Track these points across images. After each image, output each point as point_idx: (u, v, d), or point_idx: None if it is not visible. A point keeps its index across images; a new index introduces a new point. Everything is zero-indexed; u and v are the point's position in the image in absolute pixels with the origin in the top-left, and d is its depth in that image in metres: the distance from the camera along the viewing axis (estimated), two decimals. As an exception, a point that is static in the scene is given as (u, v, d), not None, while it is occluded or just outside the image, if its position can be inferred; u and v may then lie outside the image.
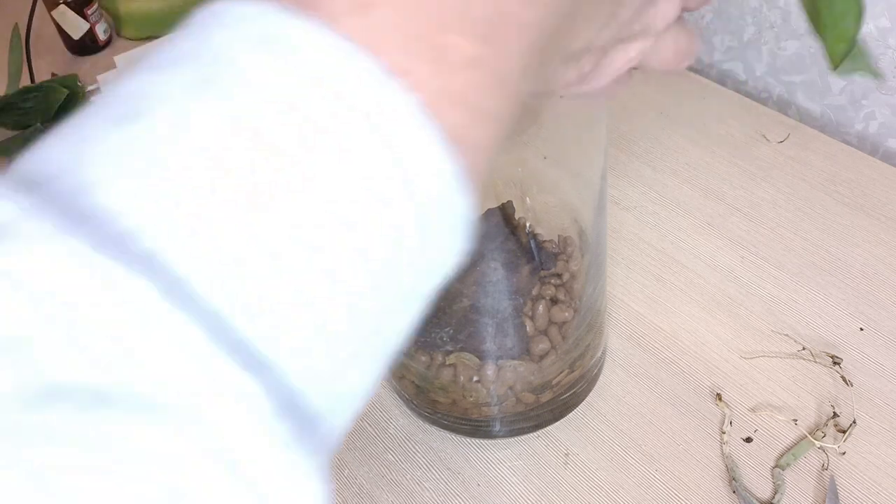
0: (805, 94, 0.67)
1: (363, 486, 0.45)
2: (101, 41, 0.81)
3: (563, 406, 0.46)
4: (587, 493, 0.43)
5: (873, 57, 0.60)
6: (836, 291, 0.51)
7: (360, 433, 0.47)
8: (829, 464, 0.43)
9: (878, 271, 0.52)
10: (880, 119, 0.63)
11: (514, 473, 0.44)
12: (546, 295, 0.42)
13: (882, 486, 0.42)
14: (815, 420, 0.45)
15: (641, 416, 0.46)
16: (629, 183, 0.60)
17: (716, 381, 0.47)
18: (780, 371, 0.47)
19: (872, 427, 0.44)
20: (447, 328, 0.41)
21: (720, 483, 0.43)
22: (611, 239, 0.56)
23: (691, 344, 0.49)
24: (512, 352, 0.42)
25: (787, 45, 0.65)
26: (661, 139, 0.63)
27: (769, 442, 0.44)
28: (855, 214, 0.55)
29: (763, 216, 0.56)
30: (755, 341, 0.49)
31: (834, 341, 0.48)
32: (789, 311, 0.50)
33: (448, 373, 0.42)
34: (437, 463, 0.45)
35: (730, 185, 0.58)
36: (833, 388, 0.46)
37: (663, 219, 0.57)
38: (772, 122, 0.63)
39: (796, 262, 0.53)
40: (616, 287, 0.53)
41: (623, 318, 0.51)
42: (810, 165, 0.59)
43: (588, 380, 0.46)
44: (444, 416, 0.45)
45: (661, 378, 0.48)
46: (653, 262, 0.54)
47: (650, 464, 0.44)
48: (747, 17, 0.67)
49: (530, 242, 0.43)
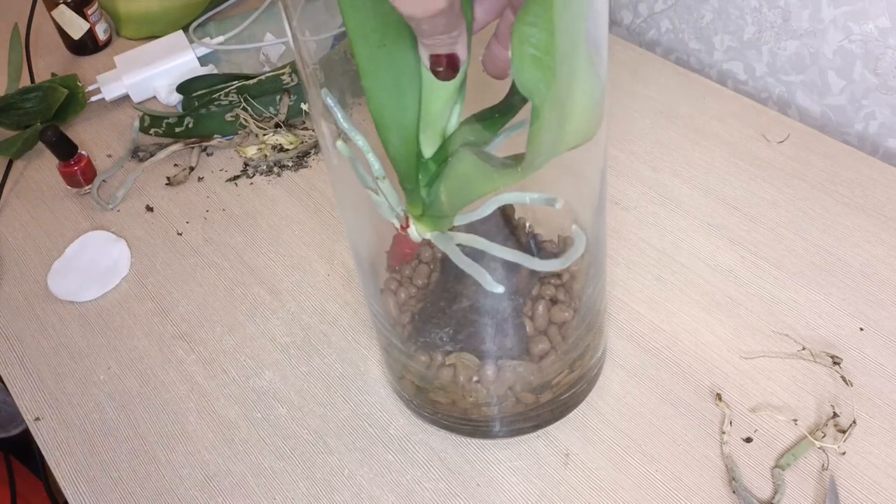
0: (805, 94, 0.67)
1: (363, 486, 0.45)
2: (101, 41, 0.81)
3: (563, 406, 0.46)
4: (587, 492, 0.43)
5: (873, 57, 0.60)
6: (836, 291, 0.51)
7: (360, 433, 0.47)
8: (829, 464, 0.43)
9: (878, 271, 0.52)
10: (880, 119, 0.63)
11: (513, 473, 0.44)
12: (546, 295, 0.42)
13: (882, 486, 0.42)
14: (815, 420, 0.45)
15: (641, 416, 0.46)
16: (629, 183, 0.60)
17: (716, 382, 0.47)
18: (780, 371, 0.47)
19: (872, 427, 0.44)
20: (447, 328, 0.41)
21: (720, 483, 0.43)
22: (611, 239, 0.56)
23: (691, 344, 0.49)
24: (512, 352, 0.42)
25: (787, 45, 0.65)
26: (661, 139, 0.63)
27: (769, 442, 0.44)
28: (855, 214, 0.55)
29: (763, 216, 0.56)
30: (755, 341, 0.49)
31: (834, 341, 0.48)
32: (789, 311, 0.50)
33: (448, 373, 0.42)
34: (437, 463, 0.45)
35: (730, 185, 0.58)
36: (833, 388, 0.46)
37: (663, 219, 0.57)
38: (772, 122, 0.63)
39: (796, 262, 0.53)
40: (616, 287, 0.53)
41: (623, 318, 0.51)
42: (810, 165, 0.59)
43: (588, 380, 0.46)
44: (443, 417, 0.45)
45: (661, 378, 0.48)
46: (653, 262, 0.54)
47: (650, 464, 0.44)
48: (747, 17, 0.67)
49: (530, 243, 0.43)
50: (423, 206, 0.35)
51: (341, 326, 0.53)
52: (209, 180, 0.65)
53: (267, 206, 0.62)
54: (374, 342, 0.52)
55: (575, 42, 0.28)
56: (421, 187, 0.34)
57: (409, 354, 0.43)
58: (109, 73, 0.74)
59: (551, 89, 0.28)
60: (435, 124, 0.33)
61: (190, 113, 0.69)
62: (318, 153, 0.66)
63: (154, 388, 0.51)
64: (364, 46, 0.29)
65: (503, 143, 0.34)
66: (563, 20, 0.26)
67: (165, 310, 0.56)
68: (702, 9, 0.70)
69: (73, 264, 0.60)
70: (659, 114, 0.65)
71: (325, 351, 0.52)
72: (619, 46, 0.72)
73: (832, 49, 0.62)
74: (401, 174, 0.34)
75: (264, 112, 0.68)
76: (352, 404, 0.49)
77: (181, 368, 0.52)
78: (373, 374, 0.50)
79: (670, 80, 0.68)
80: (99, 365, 0.53)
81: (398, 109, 0.31)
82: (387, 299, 0.43)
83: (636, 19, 0.78)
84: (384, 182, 0.35)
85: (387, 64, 0.29)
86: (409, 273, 0.44)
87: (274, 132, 0.66)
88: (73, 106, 0.72)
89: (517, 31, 0.26)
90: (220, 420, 0.49)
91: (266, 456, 0.47)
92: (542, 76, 0.27)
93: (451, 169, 0.32)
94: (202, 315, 0.55)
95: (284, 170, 0.65)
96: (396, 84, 0.30)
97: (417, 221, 0.36)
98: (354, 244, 0.43)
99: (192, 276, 0.58)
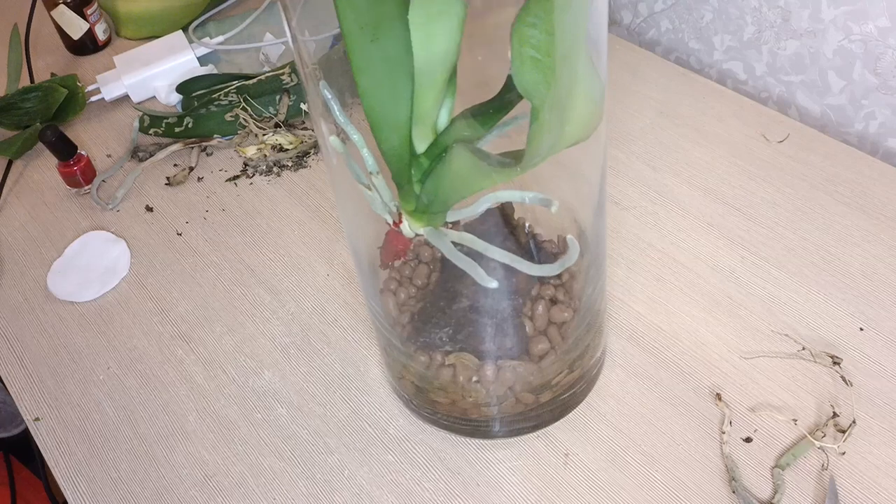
0: (805, 94, 0.67)
1: (363, 487, 0.45)
2: (101, 41, 0.81)
3: (563, 406, 0.46)
4: (587, 493, 0.43)
5: (873, 57, 0.60)
6: (836, 291, 0.51)
7: (359, 433, 0.47)
8: (828, 464, 0.43)
9: (878, 271, 0.52)
10: (880, 119, 0.63)
11: (513, 473, 0.44)
12: (545, 295, 0.42)
13: (882, 486, 0.42)
14: (814, 420, 0.45)
15: (641, 416, 0.46)
16: (629, 183, 0.60)
17: (716, 381, 0.47)
18: (779, 371, 0.47)
19: (872, 427, 0.44)
20: (446, 328, 0.41)
21: (720, 483, 0.43)
22: (610, 239, 0.56)
23: (691, 344, 0.49)
24: (511, 352, 0.42)
25: (787, 45, 0.65)
26: (661, 139, 0.63)
27: (769, 442, 0.44)
28: (855, 214, 0.55)
29: (763, 216, 0.56)
30: (755, 341, 0.49)
31: (834, 341, 0.48)
32: (789, 311, 0.50)
33: (447, 373, 0.42)
34: (437, 463, 0.45)
35: (730, 185, 0.58)
36: (833, 388, 0.46)
37: (663, 219, 0.57)
38: (772, 122, 0.63)
39: (796, 262, 0.53)
40: (616, 287, 0.53)
41: (623, 318, 0.51)
42: (810, 165, 0.59)
43: (588, 380, 0.46)
44: (443, 417, 0.45)
45: (661, 378, 0.48)
46: (652, 262, 0.54)
47: (650, 464, 0.44)
48: (747, 17, 0.67)
49: (529, 242, 0.43)
50: (415, 202, 0.35)
51: (341, 326, 0.53)
52: (209, 180, 0.65)
53: (266, 206, 0.62)
54: (373, 342, 0.52)
55: (575, 43, 0.28)
56: (414, 183, 0.34)
57: (408, 354, 0.43)
58: (109, 73, 0.74)
59: (551, 91, 0.28)
60: (426, 120, 0.33)
61: (189, 113, 0.69)
62: (318, 153, 0.66)
63: (154, 387, 0.51)
64: (357, 41, 0.29)
65: (496, 139, 0.34)
66: (563, 21, 0.26)
67: (165, 310, 0.56)
68: (702, 9, 0.70)
69: (72, 264, 0.60)
70: (659, 114, 0.65)
71: (325, 351, 0.52)
72: (618, 46, 0.72)
73: (832, 49, 0.62)
74: (394, 170, 0.34)
75: (264, 112, 0.68)
76: (351, 404, 0.49)
77: (181, 368, 0.52)
78: (372, 374, 0.50)
79: (670, 79, 0.68)
80: (99, 365, 0.53)
81: (391, 105, 0.31)
82: (386, 299, 0.43)
83: (636, 19, 0.78)
84: (377, 177, 0.35)
85: (379, 59, 0.29)
86: (408, 273, 0.44)
87: (273, 132, 0.66)
88: (73, 106, 0.72)
89: (517, 32, 0.26)
90: (220, 420, 0.49)
91: (266, 456, 0.47)
92: (542, 78, 0.27)
93: (447, 165, 0.32)
94: (202, 315, 0.55)
95: (284, 170, 0.65)
96: (389, 79, 0.30)
97: (410, 217, 0.36)
98: (354, 244, 0.43)
99: (191, 277, 0.58)
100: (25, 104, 0.71)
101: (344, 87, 0.34)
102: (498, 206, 0.41)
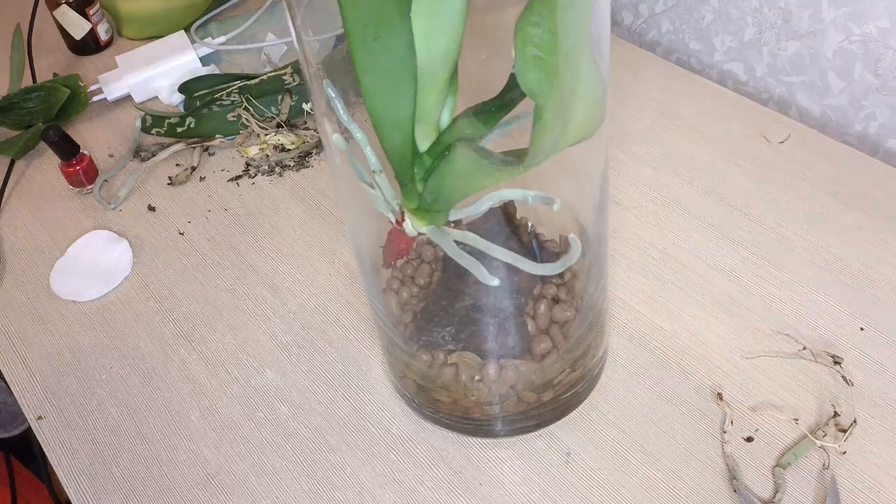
0: (805, 95, 0.67)
1: (365, 485, 0.45)
2: (103, 41, 0.81)
3: (565, 405, 0.46)
4: (588, 492, 0.43)
5: (874, 57, 0.60)
6: (837, 291, 0.51)
7: (361, 433, 0.47)
8: (829, 463, 0.43)
9: (879, 271, 0.52)
10: (880, 119, 0.63)
11: (515, 472, 0.45)
12: (548, 294, 0.42)
13: (883, 486, 0.42)
14: (815, 419, 0.45)
15: (642, 415, 0.46)
16: (630, 183, 0.60)
17: (717, 381, 0.47)
18: (780, 371, 0.47)
19: (873, 426, 0.44)
20: (449, 327, 0.42)
21: (721, 482, 0.43)
22: (612, 239, 0.56)
23: (692, 343, 0.49)
24: (513, 351, 0.42)
25: (787, 46, 0.66)
26: (662, 139, 0.63)
27: (770, 441, 0.44)
28: (855, 214, 0.55)
29: (764, 216, 0.56)
30: (756, 341, 0.49)
31: (834, 341, 0.48)
32: (790, 311, 0.50)
33: (450, 372, 0.42)
34: (439, 462, 0.45)
35: (730, 185, 0.59)
36: (834, 388, 0.46)
37: (664, 219, 0.57)
38: (772, 122, 0.63)
39: (797, 261, 0.53)
40: (617, 287, 0.53)
41: (624, 317, 0.51)
42: (810, 165, 0.59)
43: (589, 379, 0.46)
44: (445, 415, 0.45)
45: (663, 377, 0.48)
46: (654, 262, 0.54)
47: (651, 463, 0.44)
48: (747, 17, 0.67)
49: (532, 242, 0.43)
50: (418, 200, 0.35)
51: (343, 325, 0.53)
52: (211, 180, 0.66)
53: (269, 205, 0.63)
54: (375, 341, 0.52)
55: (578, 42, 0.28)
56: (416, 181, 0.35)
57: (410, 353, 0.43)
58: (111, 73, 0.74)
59: (554, 90, 0.28)
60: (429, 118, 0.33)
61: (192, 113, 0.69)
62: (320, 153, 0.66)
63: (156, 387, 0.51)
64: (360, 40, 0.29)
65: (498, 137, 0.34)
66: (566, 20, 0.26)
67: (167, 309, 0.56)
68: (702, 10, 0.71)
69: (75, 264, 0.60)
70: (660, 114, 0.65)
71: (327, 350, 0.52)
72: (619, 47, 0.72)
73: (832, 50, 0.63)
74: (396, 168, 0.34)
75: (266, 112, 0.68)
76: (353, 403, 0.49)
77: (183, 367, 0.52)
78: (374, 372, 0.50)
79: (671, 80, 0.68)
80: (101, 364, 0.53)
81: (393, 103, 0.31)
82: (389, 298, 0.44)
83: (637, 20, 0.78)
84: (380, 176, 0.35)
85: (382, 57, 0.30)
86: (410, 272, 0.44)
87: (276, 132, 0.66)
88: (75, 106, 0.72)
89: (520, 31, 0.26)
90: (222, 419, 0.49)
91: (268, 454, 0.47)
92: (546, 77, 0.27)
93: (449, 164, 0.33)
94: (204, 314, 0.55)
95: (286, 170, 0.65)
96: (392, 78, 0.30)
97: (413, 215, 0.36)
98: (356, 243, 0.43)
99: (193, 276, 0.58)
100: (28, 104, 0.71)
101: (347, 86, 0.35)
102: (500, 205, 0.41)
